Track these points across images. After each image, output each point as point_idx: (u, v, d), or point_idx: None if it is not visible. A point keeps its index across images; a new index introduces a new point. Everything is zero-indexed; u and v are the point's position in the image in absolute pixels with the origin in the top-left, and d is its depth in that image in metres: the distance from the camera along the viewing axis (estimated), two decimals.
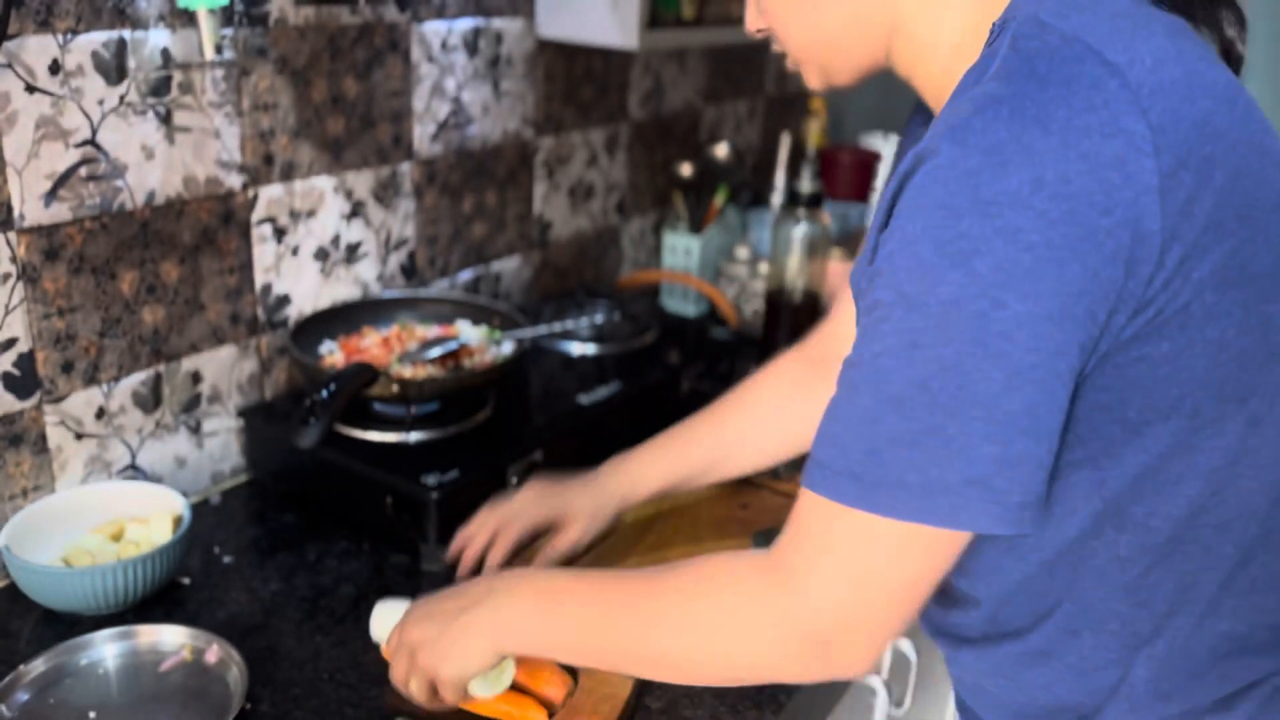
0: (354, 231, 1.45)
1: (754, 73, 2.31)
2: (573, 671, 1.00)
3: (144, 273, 1.20)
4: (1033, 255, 0.62)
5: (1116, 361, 0.67)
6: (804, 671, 0.73)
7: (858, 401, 0.68)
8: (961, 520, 0.66)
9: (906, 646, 1.34)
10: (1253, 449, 0.72)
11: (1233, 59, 0.77)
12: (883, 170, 2.38)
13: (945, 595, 0.84)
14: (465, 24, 1.54)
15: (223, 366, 1.32)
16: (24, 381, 1.12)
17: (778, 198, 2.13)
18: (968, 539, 0.69)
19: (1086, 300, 0.63)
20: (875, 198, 2.39)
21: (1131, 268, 0.64)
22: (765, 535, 1.22)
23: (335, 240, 1.43)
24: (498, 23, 1.59)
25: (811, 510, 0.71)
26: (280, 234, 1.35)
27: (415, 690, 0.89)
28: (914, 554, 0.68)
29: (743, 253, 1.91)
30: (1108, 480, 0.72)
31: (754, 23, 0.86)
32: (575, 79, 1.78)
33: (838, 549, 0.69)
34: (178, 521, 1.14)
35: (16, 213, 1.07)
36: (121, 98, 1.13)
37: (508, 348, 1.38)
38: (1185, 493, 0.72)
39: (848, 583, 0.69)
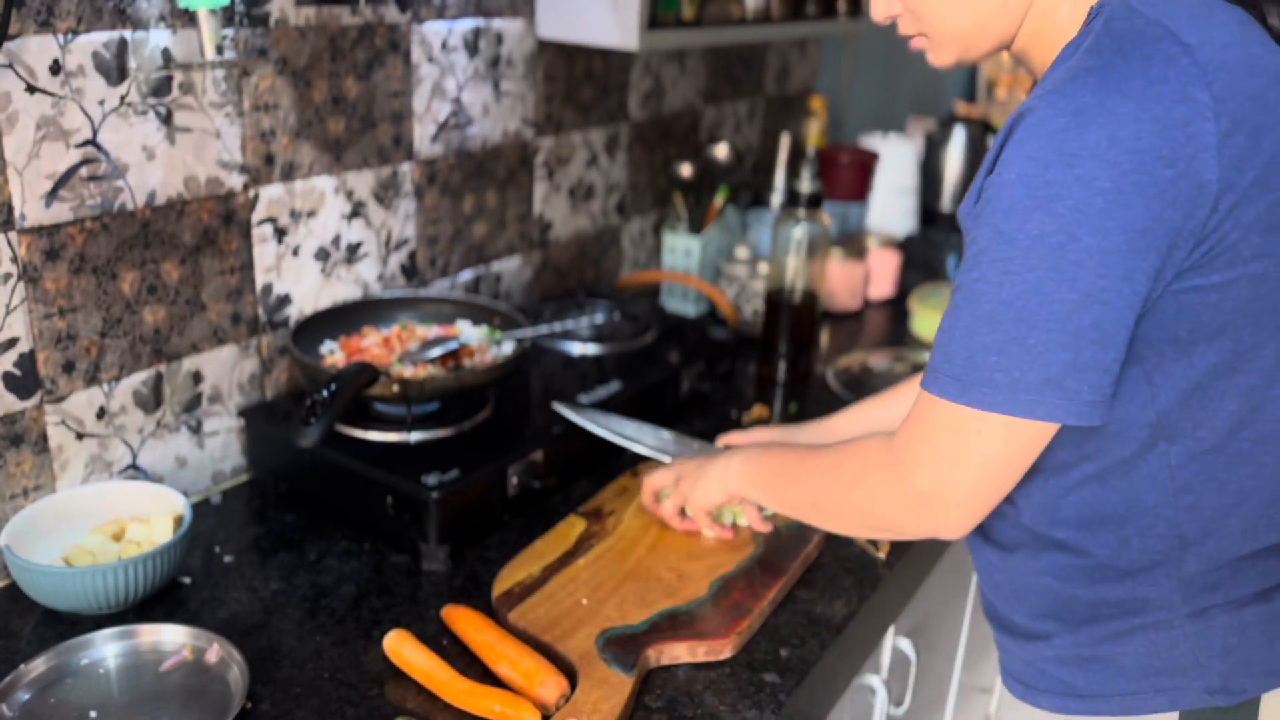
0: (354, 231, 1.45)
1: (754, 73, 2.31)
2: (570, 674, 1.00)
3: (144, 273, 1.20)
4: (1104, 199, 0.75)
5: (1174, 289, 0.80)
6: (916, 525, 0.90)
7: (960, 319, 0.82)
8: (1038, 412, 0.80)
9: (906, 646, 1.35)
10: None
11: None
12: (882, 169, 2.38)
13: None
14: (465, 24, 1.54)
15: (223, 366, 1.32)
16: (25, 381, 1.12)
17: (778, 198, 2.13)
18: (1047, 432, 0.83)
19: (1150, 237, 0.76)
20: (875, 196, 2.39)
21: (1191, 211, 0.76)
22: (765, 534, 1.22)
23: (336, 240, 1.43)
24: (498, 23, 1.60)
25: (924, 405, 0.87)
26: (281, 234, 1.35)
27: (668, 508, 1.22)
28: (1001, 440, 0.83)
29: (743, 253, 1.91)
30: (1159, 395, 0.84)
31: (887, 10, 0.95)
32: (575, 79, 1.78)
33: (939, 435, 0.85)
34: (178, 521, 1.14)
35: (17, 213, 1.07)
36: (122, 98, 1.13)
37: (508, 348, 1.38)
38: (1227, 408, 0.84)
39: (945, 460, 0.85)
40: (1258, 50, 0.81)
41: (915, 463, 0.88)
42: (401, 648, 1.01)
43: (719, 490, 1.16)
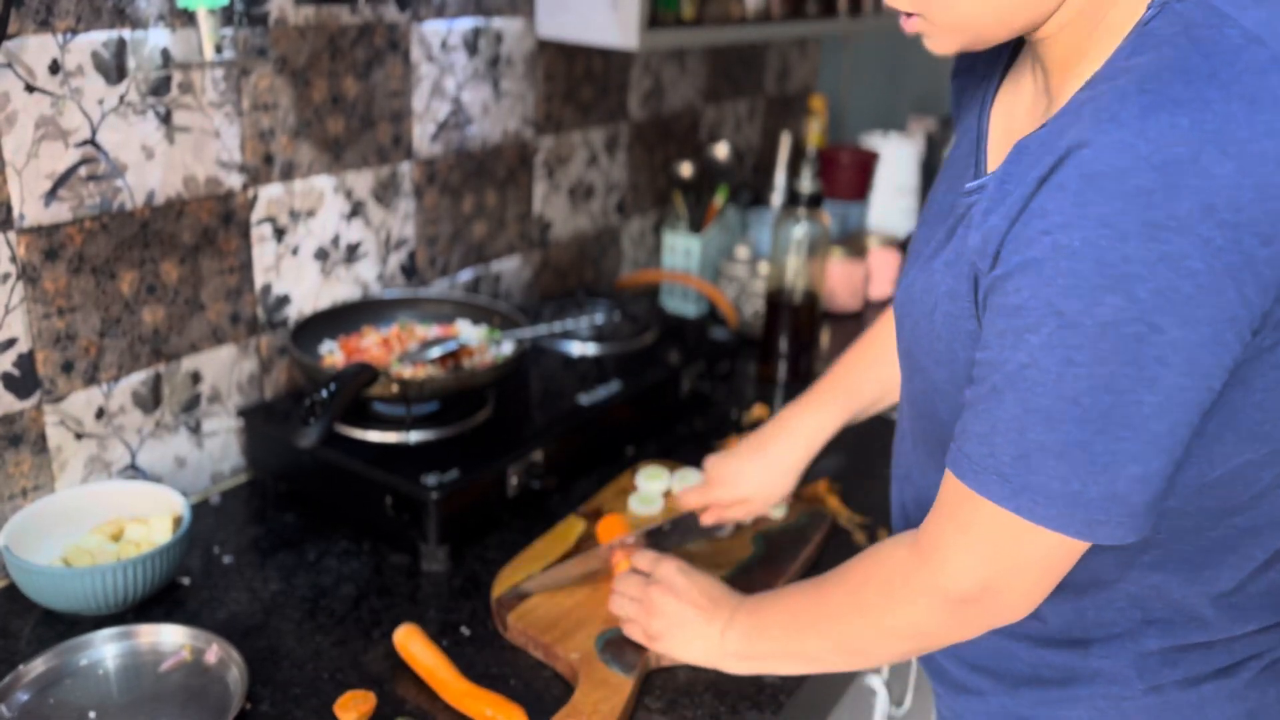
0: (354, 231, 1.45)
1: (754, 73, 2.31)
2: (570, 675, 1.00)
3: (144, 273, 1.20)
4: (1194, 282, 0.62)
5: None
6: (962, 629, 0.80)
7: (1004, 406, 0.70)
8: (1097, 534, 0.70)
9: None
10: None
11: None
12: (883, 169, 2.38)
13: None
14: (465, 24, 1.54)
15: (223, 366, 1.32)
16: (24, 381, 1.12)
17: (778, 198, 2.13)
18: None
19: (1238, 326, 0.64)
20: (875, 195, 2.39)
21: (1278, 295, 0.64)
22: (765, 536, 1.22)
23: (335, 240, 1.43)
24: (498, 23, 1.59)
25: (957, 497, 0.75)
26: (280, 234, 1.35)
27: (624, 613, 1.03)
28: (1047, 553, 0.72)
29: (743, 253, 1.91)
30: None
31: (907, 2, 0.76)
32: (575, 79, 1.78)
33: (977, 535, 0.74)
34: (178, 521, 1.14)
35: (16, 213, 1.07)
36: (121, 97, 1.13)
37: (508, 348, 1.38)
38: (1227, 493, 0.74)
39: (985, 563, 0.75)
40: None
41: (951, 567, 0.76)
42: (410, 643, 1.01)
43: (703, 656, 0.98)
